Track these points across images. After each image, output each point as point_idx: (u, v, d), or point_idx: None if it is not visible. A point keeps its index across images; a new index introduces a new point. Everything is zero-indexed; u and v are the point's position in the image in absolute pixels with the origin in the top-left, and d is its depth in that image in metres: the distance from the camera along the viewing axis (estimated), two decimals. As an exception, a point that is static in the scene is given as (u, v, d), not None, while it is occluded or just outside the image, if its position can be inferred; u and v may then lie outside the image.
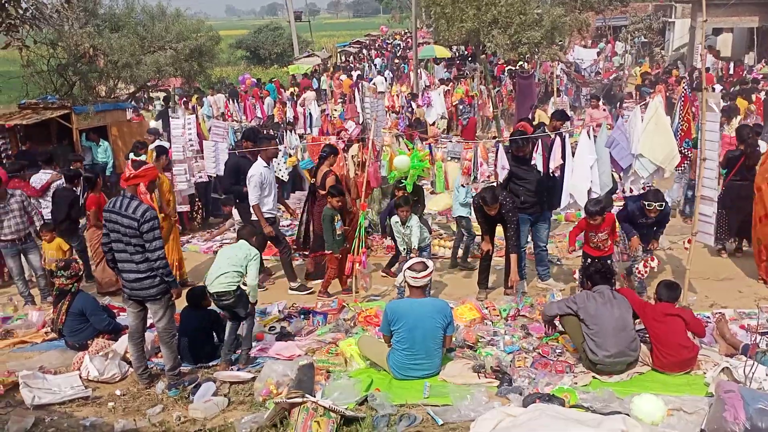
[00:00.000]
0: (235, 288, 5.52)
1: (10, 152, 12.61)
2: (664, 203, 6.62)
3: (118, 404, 5.05)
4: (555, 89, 17.04)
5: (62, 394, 5.09)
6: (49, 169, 9.19)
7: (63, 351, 5.99)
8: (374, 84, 21.63)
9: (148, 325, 5.55)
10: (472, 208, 7.36)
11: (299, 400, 4.30)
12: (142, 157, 9.72)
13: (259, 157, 7.75)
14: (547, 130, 7.36)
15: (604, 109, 14.31)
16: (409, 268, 5.28)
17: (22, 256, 7.67)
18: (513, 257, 6.88)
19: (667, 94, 15.16)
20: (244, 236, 5.85)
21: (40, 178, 9.00)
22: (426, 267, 5.28)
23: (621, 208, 7.31)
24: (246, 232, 5.95)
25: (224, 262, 5.58)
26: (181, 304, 5.84)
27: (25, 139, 13.02)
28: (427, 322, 5.02)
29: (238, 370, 5.54)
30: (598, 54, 27.12)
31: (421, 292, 5.27)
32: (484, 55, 17.42)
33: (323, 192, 7.51)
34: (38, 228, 7.75)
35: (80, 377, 5.40)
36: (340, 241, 7.39)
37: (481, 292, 7.25)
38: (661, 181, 10.35)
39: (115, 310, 6.79)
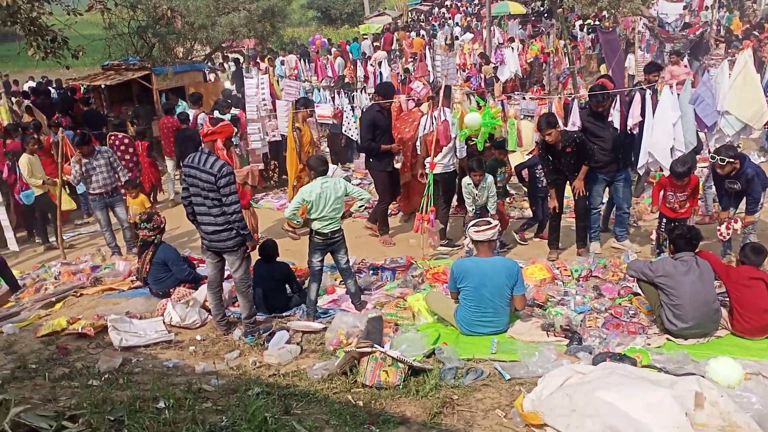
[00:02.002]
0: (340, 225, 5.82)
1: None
2: (739, 162, 6.07)
3: (198, 348, 5.34)
4: (635, 45, 16.22)
5: (147, 337, 5.43)
6: (196, 108, 10.85)
7: (147, 298, 6.35)
8: (462, 41, 21.14)
9: (225, 275, 5.80)
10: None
11: (368, 349, 4.41)
12: (227, 117, 9.99)
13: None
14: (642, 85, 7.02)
15: (686, 65, 13.54)
16: (472, 225, 5.28)
17: (109, 209, 8.12)
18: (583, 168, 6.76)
19: (758, 49, 14.17)
20: (316, 166, 5.86)
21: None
22: (489, 223, 5.25)
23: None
24: (313, 162, 5.98)
25: (330, 202, 5.65)
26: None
27: (109, 99, 13.64)
28: (494, 279, 5.02)
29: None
30: (685, 8, 25.55)
31: (488, 250, 5.24)
32: (560, 10, 16.70)
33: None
34: (124, 184, 8.18)
35: (163, 322, 5.73)
36: (501, 193, 7.59)
37: (551, 253, 7.14)
38: (748, 140, 9.82)
39: (194, 262, 7.11)
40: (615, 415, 3.45)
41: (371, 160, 8.09)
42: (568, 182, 6.96)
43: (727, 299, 4.97)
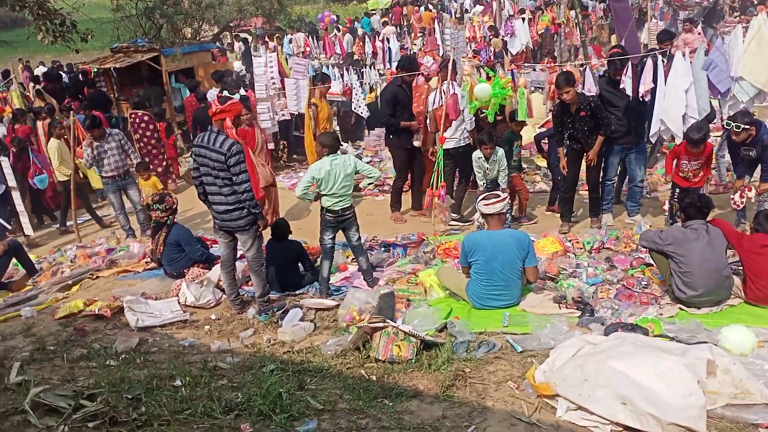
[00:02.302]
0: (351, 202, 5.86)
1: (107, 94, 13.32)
2: (755, 128, 6.00)
3: (213, 327, 5.40)
4: (649, 14, 15.93)
5: (163, 317, 5.50)
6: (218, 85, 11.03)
7: (162, 279, 6.43)
8: (473, 14, 20.83)
9: (238, 255, 5.85)
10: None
11: (381, 324, 4.43)
12: (236, 96, 10.00)
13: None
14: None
15: (699, 33, 13.29)
16: (482, 198, 5.27)
17: (121, 192, 8.18)
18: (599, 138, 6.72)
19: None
20: (328, 143, 5.85)
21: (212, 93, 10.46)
22: (498, 196, 5.24)
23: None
24: (325, 139, 5.96)
25: (340, 180, 5.68)
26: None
27: (119, 81, 13.67)
28: (504, 252, 5.01)
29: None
30: (699, -26, 24.99)
31: (499, 223, 5.23)
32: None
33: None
34: (135, 166, 8.24)
35: (178, 302, 5.80)
36: (516, 166, 7.57)
37: (563, 225, 7.12)
38: (763, 108, 9.65)
39: (208, 242, 7.16)
40: (626, 384, 3.45)
41: (390, 136, 7.98)
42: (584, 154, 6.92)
43: (741, 268, 4.93)
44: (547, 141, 7.91)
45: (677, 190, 6.50)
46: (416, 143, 7.88)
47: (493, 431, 3.45)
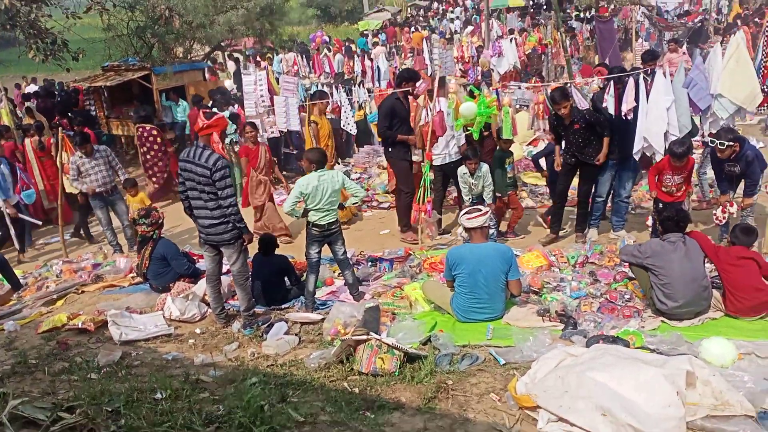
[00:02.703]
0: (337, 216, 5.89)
1: (95, 112, 13.36)
2: (739, 144, 6.08)
3: (197, 341, 5.38)
4: (634, 34, 16.20)
5: (147, 331, 5.48)
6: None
7: (147, 293, 6.41)
8: (463, 35, 21.05)
9: (224, 269, 5.84)
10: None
11: (364, 337, 4.45)
12: (225, 113, 10.09)
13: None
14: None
15: (684, 53, 13.53)
16: (464, 213, 5.32)
17: (109, 207, 8.17)
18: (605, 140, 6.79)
19: (753, 32, 14.12)
20: (315, 159, 5.85)
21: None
22: (480, 210, 5.29)
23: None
24: (312, 155, 5.97)
25: (327, 195, 5.70)
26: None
27: (109, 100, 13.71)
28: (487, 265, 5.05)
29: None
30: (684, -4, 25.46)
31: (482, 236, 5.27)
32: (556, -1, 16.60)
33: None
34: (122, 182, 8.25)
35: (163, 317, 5.78)
36: (511, 183, 7.60)
37: (546, 237, 7.19)
38: (746, 126, 9.80)
39: (194, 257, 7.15)
40: (606, 395, 3.48)
41: (389, 150, 7.86)
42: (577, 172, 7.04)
43: (720, 281, 4.98)
44: (545, 159, 8.00)
45: (660, 205, 6.56)
46: (415, 158, 7.76)
47: (474, 442, 3.45)
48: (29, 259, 8.74)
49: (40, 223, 8.83)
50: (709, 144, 6.20)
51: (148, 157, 10.40)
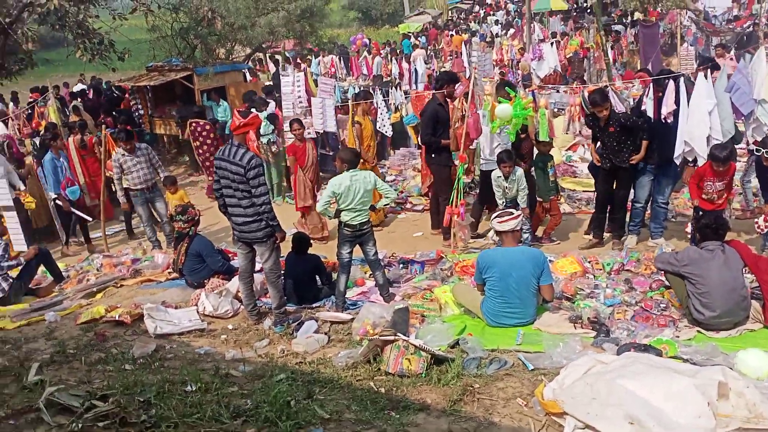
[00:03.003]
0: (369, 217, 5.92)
1: (141, 111, 13.71)
2: None
3: (229, 337, 5.48)
4: (679, 39, 15.83)
5: (181, 325, 5.59)
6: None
7: (183, 288, 6.54)
8: (503, 38, 20.93)
9: (257, 267, 5.93)
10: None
11: (391, 338, 4.45)
12: (263, 114, 10.25)
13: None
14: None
15: (732, 58, 13.16)
16: (496, 216, 5.28)
17: (149, 204, 8.38)
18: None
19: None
20: (347, 159, 5.90)
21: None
22: (512, 213, 5.24)
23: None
24: (345, 155, 6.01)
25: (359, 195, 5.73)
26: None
27: (153, 99, 14.05)
28: (519, 269, 5.00)
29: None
30: (733, 1, 24.76)
31: (513, 240, 5.22)
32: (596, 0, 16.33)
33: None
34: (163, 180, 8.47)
35: (197, 312, 5.89)
36: (553, 188, 7.57)
37: (589, 242, 7.13)
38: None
39: (229, 254, 7.28)
40: (635, 404, 3.41)
41: (432, 155, 7.83)
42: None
43: (760, 292, 4.83)
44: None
45: (700, 213, 6.40)
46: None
47: (498, 446, 3.43)
48: (73, 253, 9.02)
49: (90, 219, 9.10)
50: (755, 152, 6.02)
51: (201, 151, 10.69)
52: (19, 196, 8.14)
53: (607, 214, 7.28)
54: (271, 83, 17.58)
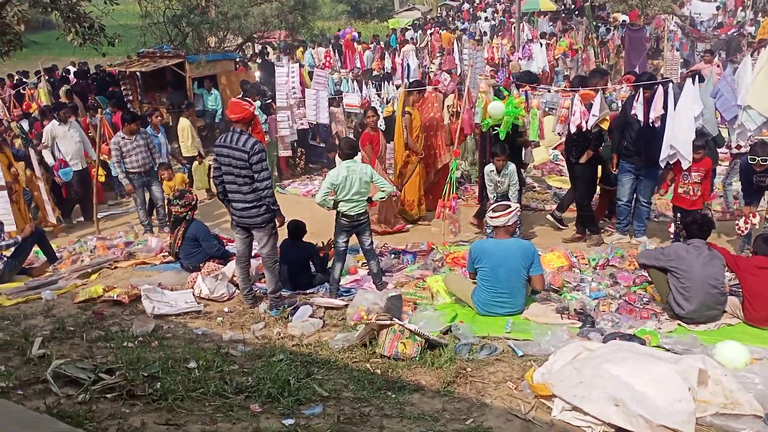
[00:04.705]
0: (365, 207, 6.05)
1: (131, 97, 13.68)
2: None
3: (225, 319, 5.60)
4: (666, 43, 16.17)
5: (177, 307, 5.69)
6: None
7: (179, 272, 6.64)
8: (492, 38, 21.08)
9: (253, 252, 6.05)
10: None
11: (388, 322, 4.61)
12: (257, 104, 10.28)
13: None
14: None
15: (718, 65, 13.48)
16: (490, 210, 5.46)
17: (145, 188, 8.45)
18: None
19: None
20: (345, 149, 6.07)
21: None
22: (506, 207, 5.42)
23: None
24: (343, 145, 6.17)
25: (355, 186, 5.89)
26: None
27: (143, 86, 14.03)
28: (510, 261, 5.19)
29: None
30: (718, 8, 25.24)
31: (506, 234, 5.41)
32: (588, 3, 16.60)
33: None
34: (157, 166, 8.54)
35: (193, 294, 6.00)
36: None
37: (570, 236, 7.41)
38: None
39: (224, 240, 7.38)
40: (620, 387, 3.61)
41: None
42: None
43: (740, 289, 5.08)
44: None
45: (678, 214, 6.67)
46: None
47: (490, 425, 3.60)
48: (63, 234, 9.03)
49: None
50: (749, 161, 6.27)
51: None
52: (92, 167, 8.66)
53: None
54: (260, 73, 17.62)
